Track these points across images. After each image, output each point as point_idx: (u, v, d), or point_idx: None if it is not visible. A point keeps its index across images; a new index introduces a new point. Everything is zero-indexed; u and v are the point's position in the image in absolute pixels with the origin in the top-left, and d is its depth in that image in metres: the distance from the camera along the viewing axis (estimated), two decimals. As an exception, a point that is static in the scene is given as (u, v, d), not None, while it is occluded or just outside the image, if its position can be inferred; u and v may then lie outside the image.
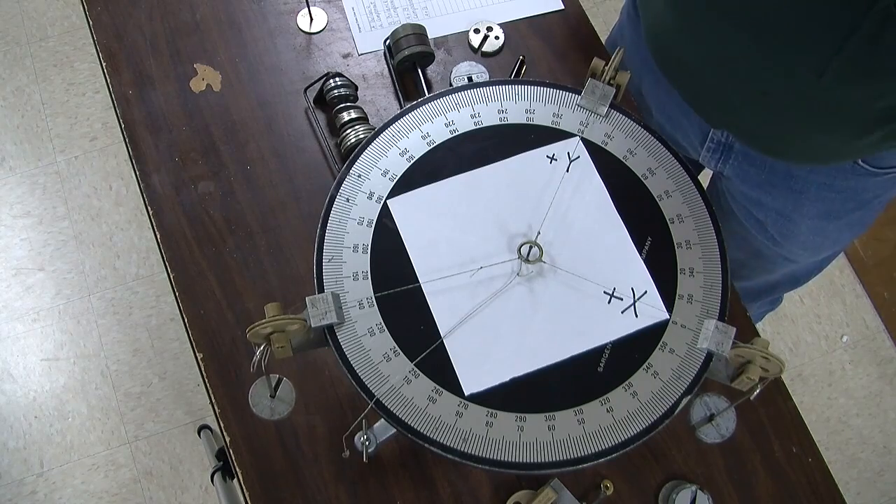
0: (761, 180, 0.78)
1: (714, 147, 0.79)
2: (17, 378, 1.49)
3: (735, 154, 0.78)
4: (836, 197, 0.76)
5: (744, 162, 0.78)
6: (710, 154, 0.80)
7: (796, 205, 0.78)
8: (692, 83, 0.71)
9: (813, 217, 0.79)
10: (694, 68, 0.68)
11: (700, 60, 0.66)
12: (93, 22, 0.82)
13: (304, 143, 0.77)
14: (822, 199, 0.76)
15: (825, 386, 1.58)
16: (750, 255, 0.92)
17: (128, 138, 0.77)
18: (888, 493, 1.51)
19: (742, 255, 0.93)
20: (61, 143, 1.67)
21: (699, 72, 0.68)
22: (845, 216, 0.79)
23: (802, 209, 0.78)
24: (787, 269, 0.95)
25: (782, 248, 0.87)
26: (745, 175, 0.80)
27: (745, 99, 0.65)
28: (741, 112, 0.68)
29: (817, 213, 0.79)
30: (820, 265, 0.97)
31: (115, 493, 1.42)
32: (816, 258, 0.93)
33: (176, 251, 0.72)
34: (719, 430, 0.63)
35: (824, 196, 0.76)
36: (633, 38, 0.83)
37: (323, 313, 0.53)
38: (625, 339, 0.56)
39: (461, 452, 0.52)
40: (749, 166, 0.78)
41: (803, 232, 0.82)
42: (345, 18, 0.83)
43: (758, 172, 0.78)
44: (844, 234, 0.84)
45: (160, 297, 1.55)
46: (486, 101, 0.63)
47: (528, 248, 0.57)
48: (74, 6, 1.78)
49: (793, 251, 0.88)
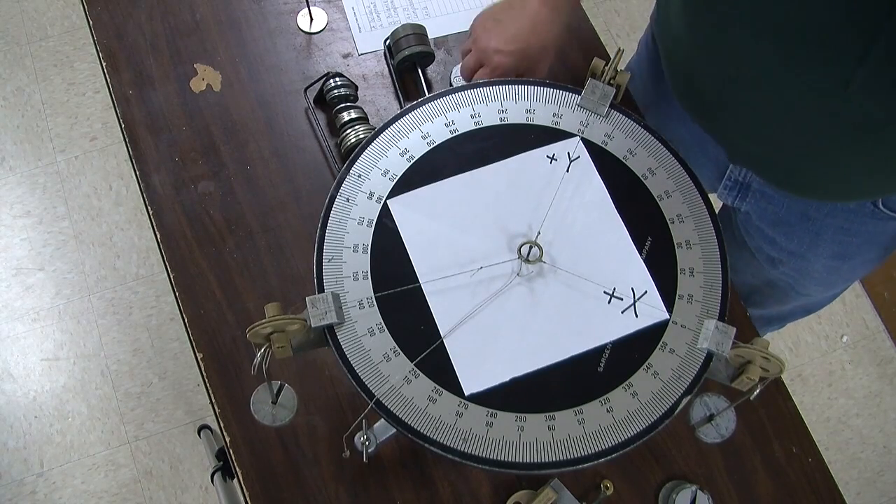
0: (778, 220, 0.77)
1: (731, 185, 0.78)
2: (17, 378, 1.49)
3: (752, 193, 0.77)
4: (852, 240, 0.74)
5: (761, 200, 0.77)
6: (727, 191, 0.79)
7: (812, 246, 0.77)
8: (712, 109, 0.69)
9: (828, 258, 0.78)
10: (714, 91, 0.66)
11: (721, 81, 0.64)
12: (93, 22, 0.82)
13: (304, 143, 0.77)
14: (838, 241, 0.75)
15: (825, 386, 1.58)
16: (763, 283, 0.91)
17: (128, 138, 0.77)
18: (888, 493, 1.51)
19: (755, 282, 0.92)
20: (61, 142, 1.67)
21: (720, 94, 0.66)
22: (860, 257, 0.77)
23: (818, 250, 0.77)
24: (799, 301, 0.94)
25: (795, 282, 0.85)
26: (762, 214, 0.78)
27: (768, 119, 0.63)
28: (763, 135, 0.66)
29: (832, 255, 0.77)
30: (831, 297, 0.96)
31: (115, 493, 1.42)
32: (828, 294, 0.92)
33: (176, 251, 0.72)
34: (719, 430, 0.63)
35: (841, 239, 0.74)
36: (651, 71, 0.82)
37: (323, 313, 0.53)
38: (625, 339, 0.56)
39: (461, 452, 0.52)
40: (767, 205, 0.76)
41: (817, 270, 0.81)
42: (345, 18, 0.83)
43: (775, 211, 0.76)
44: (857, 272, 0.83)
45: (160, 297, 1.55)
46: (486, 101, 0.63)
47: (528, 248, 0.57)
48: (74, 6, 1.78)
49: (806, 286, 0.86)
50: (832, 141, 0.61)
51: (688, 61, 0.68)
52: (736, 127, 0.68)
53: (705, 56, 0.64)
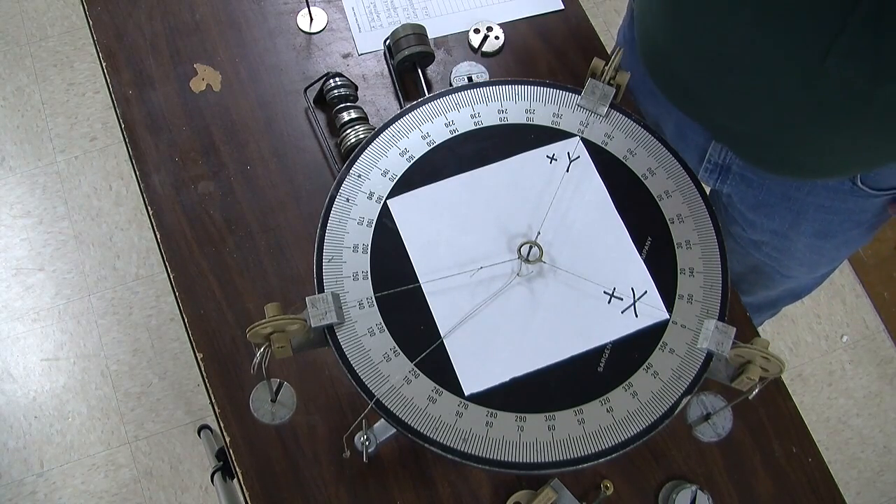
0: (758, 202, 0.78)
1: (711, 168, 0.79)
2: (17, 378, 1.49)
3: (733, 175, 0.78)
4: (833, 218, 0.75)
5: (741, 183, 0.78)
6: (707, 174, 0.80)
7: (793, 224, 0.78)
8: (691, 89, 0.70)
9: (810, 236, 0.79)
10: (693, 70, 0.66)
11: (699, 59, 0.64)
12: (93, 22, 0.82)
13: (304, 143, 0.77)
14: (819, 220, 0.76)
15: (825, 386, 1.58)
16: (748, 270, 0.92)
17: (128, 138, 0.77)
18: (888, 493, 1.51)
19: (740, 269, 0.93)
20: (61, 143, 1.67)
21: (699, 73, 0.66)
22: (842, 235, 0.78)
23: (799, 228, 0.78)
24: (786, 285, 0.95)
25: (779, 264, 0.86)
26: (743, 196, 0.79)
27: (746, 95, 0.64)
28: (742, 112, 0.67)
29: (814, 233, 0.78)
30: (818, 280, 0.97)
31: (115, 493, 1.42)
32: (814, 275, 0.93)
33: (176, 251, 0.72)
34: (715, 429, 0.63)
35: (822, 217, 0.75)
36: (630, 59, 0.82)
37: (323, 313, 0.53)
38: (625, 339, 0.56)
39: (461, 452, 0.52)
40: (746, 188, 0.77)
41: (800, 250, 0.82)
42: (345, 18, 0.83)
43: (755, 194, 0.77)
44: (842, 252, 0.84)
45: (160, 297, 1.55)
46: (486, 101, 0.63)
47: (528, 248, 0.57)
48: (74, 6, 1.78)
49: (790, 267, 0.87)
50: (810, 116, 0.61)
51: (666, 41, 0.68)
52: (714, 106, 0.69)
53: (683, 33, 0.64)
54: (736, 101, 0.66)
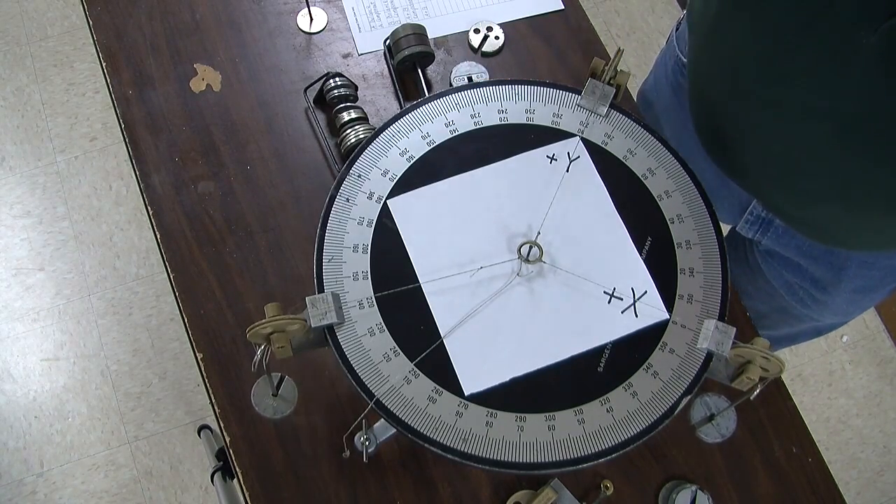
0: (801, 252, 0.76)
1: (753, 220, 0.77)
2: (17, 378, 1.49)
3: (775, 228, 0.76)
4: (875, 274, 0.74)
5: (784, 235, 0.75)
6: (748, 226, 0.78)
7: (834, 279, 0.76)
8: (750, 172, 0.67)
9: (849, 291, 0.77)
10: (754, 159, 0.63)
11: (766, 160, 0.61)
12: (93, 22, 0.82)
13: (304, 143, 0.77)
14: (861, 276, 0.74)
15: (825, 386, 1.58)
16: (774, 311, 0.89)
17: (128, 138, 0.77)
18: (888, 493, 1.51)
19: (765, 309, 0.90)
20: (61, 143, 1.67)
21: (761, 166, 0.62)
22: (881, 289, 0.77)
23: (840, 284, 0.76)
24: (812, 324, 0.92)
25: (811, 311, 0.84)
26: (786, 245, 0.77)
27: (814, 196, 0.60)
28: (808, 206, 0.64)
29: (854, 288, 0.76)
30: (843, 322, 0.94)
31: (115, 493, 1.42)
32: (844, 321, 0.90)
33: (176, 251, 0.72)
34: (719, 430, 0.63)
35: (864, 273, 0.74)
36: (674, 101, 0.81)
37: (323, 313, 0.53)
38: (625, 339, 0.56)
39: (461, 452, 0.52)
40: (790, 238, 0.75)
41: (837, 303, 0.80)
42: (345, 18, 0.83)
43: (798, 244, 0.75)
44: (875, 301, 0.82)
45: (160, 297, 1.55)
46: (486, 101, 0.63)
47: (528, 248, 0.57)
48: (74, 6, 1.78)
49: (822, 315, 0.85)
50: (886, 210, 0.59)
51: (732, 129, 0.64)
52: (772, 193, 0.66)
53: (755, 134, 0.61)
54: (802, 200, 0.63)
